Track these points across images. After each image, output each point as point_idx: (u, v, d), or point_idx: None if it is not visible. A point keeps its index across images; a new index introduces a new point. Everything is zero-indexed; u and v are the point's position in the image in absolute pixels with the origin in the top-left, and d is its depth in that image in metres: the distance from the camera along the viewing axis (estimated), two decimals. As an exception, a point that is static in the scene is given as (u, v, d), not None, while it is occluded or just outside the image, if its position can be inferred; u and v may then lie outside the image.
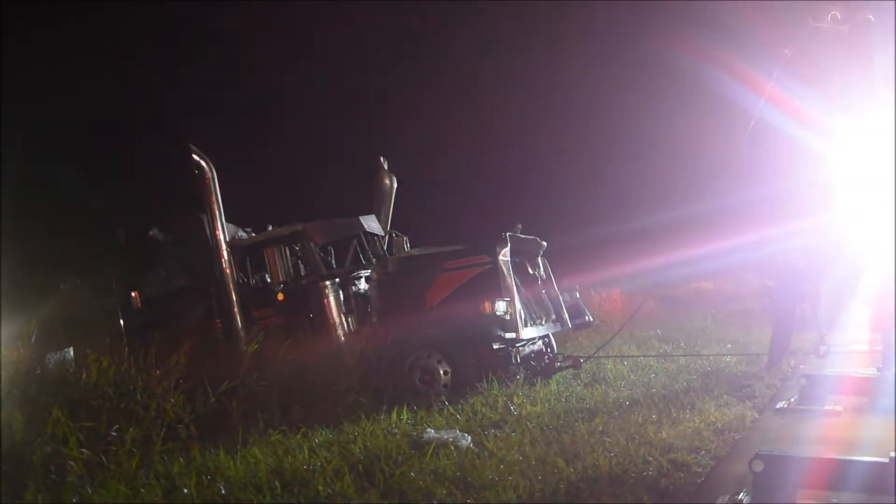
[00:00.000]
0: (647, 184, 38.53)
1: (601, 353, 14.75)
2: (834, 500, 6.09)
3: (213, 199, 13.89)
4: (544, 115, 42.53)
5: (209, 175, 13.85)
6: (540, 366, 13.59)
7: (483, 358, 12.44)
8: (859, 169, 11.16)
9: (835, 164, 11.13)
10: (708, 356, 15.24)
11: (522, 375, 12.69)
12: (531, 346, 13.99)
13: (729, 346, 17.45)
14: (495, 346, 12.50)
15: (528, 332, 12.96)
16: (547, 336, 14.47)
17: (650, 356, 15.05)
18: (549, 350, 14.59)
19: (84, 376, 9.35)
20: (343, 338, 13.38)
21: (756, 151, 11.89)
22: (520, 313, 12.69)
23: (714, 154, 26.88)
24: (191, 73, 34.14)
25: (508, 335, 12.41)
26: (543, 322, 13.80)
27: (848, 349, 14.98)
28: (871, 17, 9.88)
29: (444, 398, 11.62)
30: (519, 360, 13.20)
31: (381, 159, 16.40)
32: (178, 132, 25.14)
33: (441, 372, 12.49)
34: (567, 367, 13.33)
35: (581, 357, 13.54)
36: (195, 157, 13.83)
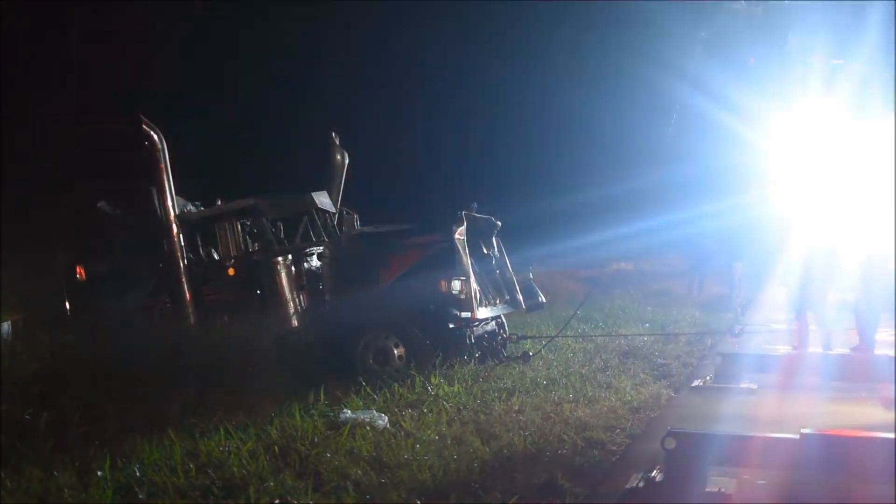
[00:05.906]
0: (568, 164, 38.67)
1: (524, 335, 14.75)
2: (745, 476, 6.17)
3: (163, 171, 13.55)
4: (473, 95, 42.44)
5: (159, 147, 13.50)
6: (492, 346, 13.59)
7: (438, 338, 12.27)
8: (778, 149, 11.31)
9: (753, 145, 11.26)
10: (626, 336, 15.37)
11: (477, 356, 12.66)
12: (485, 327, 13.86)
13: (647, 325, 17.64)
14: (450, 326, 12.40)
15: (483, 313, 12.80)
16: (499, 317, 14.39)
17: (568, 336, 15.11)
18: (501, 331, 14.47)
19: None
20: (293, 315, 13.14)
21: (679, 134, 11.99)
22: (475, 293, 12.55)
23: (635, 135, 27.13)
24: (141, 40, 33.30)
25: (464, 315, 12.30)
26: (497, 302, 13.67)
27: (764, 328, 15.27)
28: (787, -3, 10.01)
29: (361, 379, 11.47)
30: (473, 341, 13.10)
31: (333, 134, 16.15)
32: (128, 102, 24.41)
33: (395, 352, 12.31)
34: (516, 359, 13.22)
35: (530, 351, 13.44)
36: (145, 127, 13.48)
